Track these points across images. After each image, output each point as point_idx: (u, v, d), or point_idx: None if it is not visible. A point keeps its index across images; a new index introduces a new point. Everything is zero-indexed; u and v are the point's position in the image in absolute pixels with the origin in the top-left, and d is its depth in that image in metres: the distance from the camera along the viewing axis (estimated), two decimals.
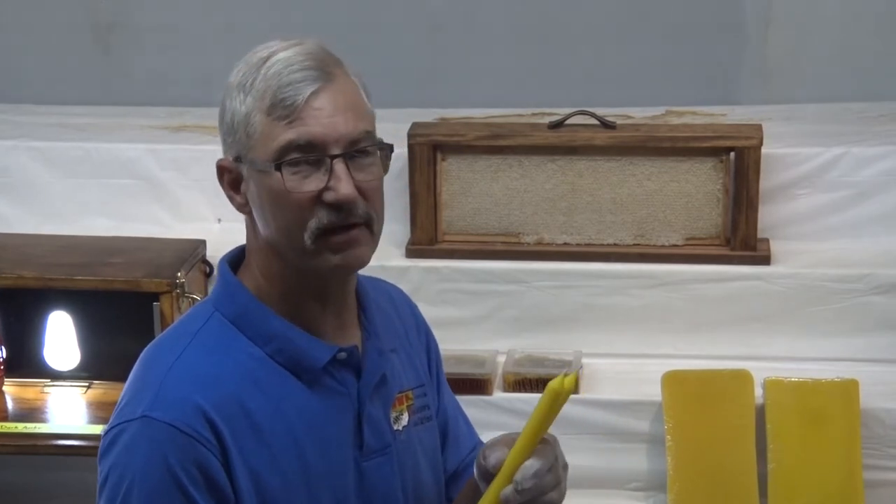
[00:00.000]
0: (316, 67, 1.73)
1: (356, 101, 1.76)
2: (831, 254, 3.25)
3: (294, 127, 1.71)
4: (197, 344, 1.76)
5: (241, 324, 1.78)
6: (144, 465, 1.69)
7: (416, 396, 1.92)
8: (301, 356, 1.77)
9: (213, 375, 1.73)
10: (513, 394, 3.07)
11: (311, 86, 1.72)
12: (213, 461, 1.70)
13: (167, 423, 1.69)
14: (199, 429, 1.69)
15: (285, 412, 1.75)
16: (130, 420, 1.71)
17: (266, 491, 1.73)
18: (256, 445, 1.73)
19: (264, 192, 1.74)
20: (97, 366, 3.12)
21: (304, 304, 1.79)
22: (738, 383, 3.04)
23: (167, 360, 1.75)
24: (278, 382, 1.76)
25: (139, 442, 1.70)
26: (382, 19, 3.94)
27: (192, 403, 1.70)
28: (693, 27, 3.90)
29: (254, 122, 1.73)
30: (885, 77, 3.81)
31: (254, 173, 1.74)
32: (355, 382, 1.81)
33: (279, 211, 1.73)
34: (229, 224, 3.29)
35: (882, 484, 3.01)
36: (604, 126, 3.23)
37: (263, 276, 1.79)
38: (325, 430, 1.78)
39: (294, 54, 1.74)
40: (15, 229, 3.40)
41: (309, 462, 1.76)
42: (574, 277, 3.22)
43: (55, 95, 3.93)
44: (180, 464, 1.68)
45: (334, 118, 1.72)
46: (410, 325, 1.99)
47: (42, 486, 3.32)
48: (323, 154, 1.72)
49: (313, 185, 1.72)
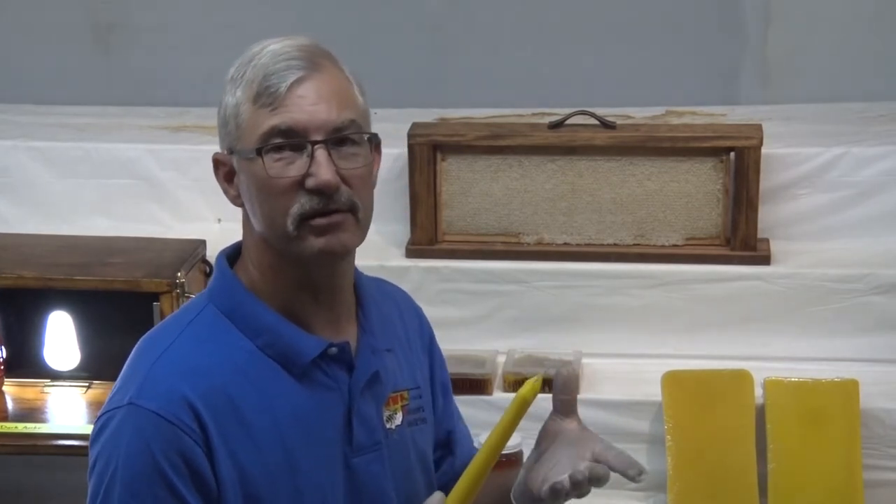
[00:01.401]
0: (302, 58, 1.75)
1: (343, 91, 1.76)
2: (831, 254, 3.25)
3: (277, 113, 1.73)
4: (188, 334, 1.78)
5: (233, 317, 1.79)
6: (128, 451, 1.70)
7: (412, 398, 1.92)
8: (290, 350, 1.78)
9: (203, 366, 1.74)
10: (513, 394, 3.05)
11: (294, 74, 1.73)
12: (197, 451, 1.71)
13: (152, 411, 1.70)
14: (183, 418, 1.70)
15: (273, 406, 1.76)
16: (118, 407, 1.73)
17: (250, 483, 1.74)
18: (242, 437, 1.73)
19: (251, 181, 1.75)
20: (97, 366, 3.11)
21: (295, 298, 1.80)
22: (737, 383, 3.04)
23: (158, 349, 1.77)
24: (268, 376, 1.77)
25: (124, 429, 1.71)
26: (382, 19, 3.94)
27: (179, 393, 1.71)
28: (693, 27, 3.90)
29: (242, 113, 1.75)
30: (884, 77, 3.81)
31: (242, 163, 1.76)
32: (347, 378, 1.81)
33: (263, 198, 1.75)
34: (229, 224, 3.29)
35: (882, 484, 3.01)
36: (604, 126, 3.23)
37: (257, 269, 1.80)
38: (312, 424, 1.78)
39: (283, 47, 1.76)
40: (15, 229, 3.40)
41: (295, 456, 1.76)
42: (574, 277, 3.22)
43: (55, 95, 3.93)
44: (163, 452, 1.69)
45: (317, 105, 1.73)
46: (414, 329, 1.99)
47: (42, 486, 3.32)
48: (304, 139, 1.73)
49: (295, 170, 1.73)
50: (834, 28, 3.86)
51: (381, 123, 1.81)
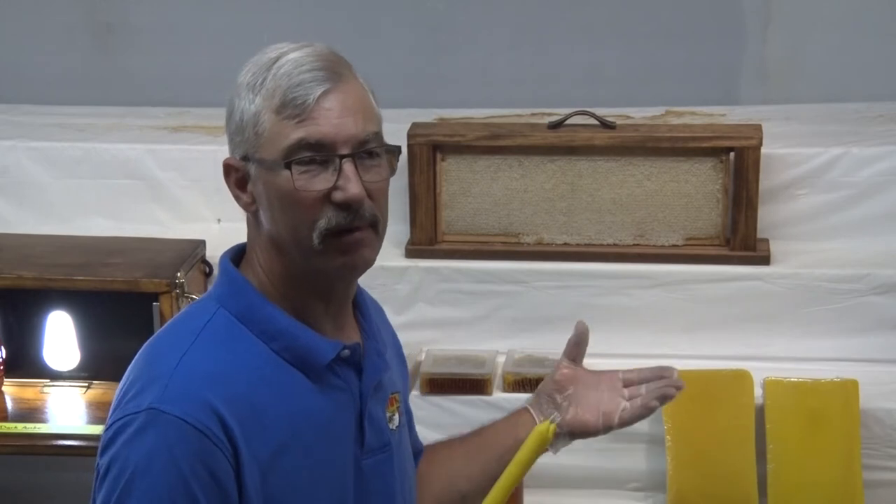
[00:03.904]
0: (325, 68, 1.74)
1: (365, 102, 1.76)
2: (831, 254, 3.25)
3: (304, 126, 1.72)
4: (204, 340, 1.74)
5: (246, 320, 1.77)
6: (149, 458, 1.65)
7: (402, 400, 1.93)
8: (307, 353, 1.77)
9: (223, 373, 1.71)
10: (512, 394, 3.06)
11: (321, 86, 1.72)
12: (223, 461, 1.67)
13: (176, 416, 1.66)
14: (210, 425, 1.66)
15: (292, 409, 1.75)
16: (136, 413, 1.68)
17: (271, 488, 1.72)
18: (264, 442, 1.71)
19: (272, 191, 1.74)
20: (96, 366, 3.12)
21: (306, 303, 1.79)
22: (737, 383, 3.04)
23: (174, 355, 1.72)
24: (286, 380, 1.76)
25: (145, 434, 1.66)
26: (382, 19, 3.94)
27: (203, 399, 1.67)
28: (692, 27, 3.90)
29: (263, 122, 1.73)
30: (883, 77, 3.81)
31: (262, 172, 1.74)
32: (357, 380, 1.81)
33: (288, 210, 1.73)
34: (229, 224, 3.29)
35: (881, 484, 3.01)
36: (603, 126, 3.23)
37: (265, 273, 1.79)
38: (329, 427, 1.78)
39: (304, 55, 1.75)
40: (14, 229, 3.40)
41: (312, 459, 1.76)
42: (573, 278, 3.22)
43: (54, 95, 3.93)
44: (186, 459, 1.65)
45: (344, 119, 1.72)
46: (389, 332, 2.00)
47: (41, 486, 3.32)
48: (332, 153, 1.72)
49: (322, 184, 1.72)
50: (833, 28, 3.86)
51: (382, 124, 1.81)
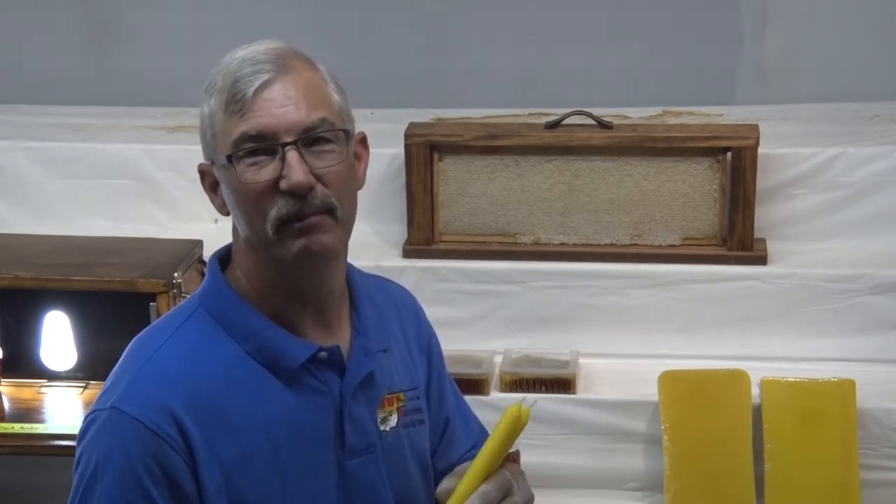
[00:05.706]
0: (269, 61, 1.74)
1: (313, 89, 1.75)
2: (828, 254, 3.25)
3: (246, 119, 1.72)
4: (177, 339, 1.78)
5: (222, 320, 1.79)
6: (107, 455, 1.72)
7: (409, 399, 1.91)
8: (278, 355, 1.78)
9: (188, 373, 1.75)
10: (509, 394, 3.06)
11: (260, 77, 1.72)
12: (176, 460, 1.71)
13: (132, 417, 1.72)
14: (164, 426, 1.71)
15: (262, 411, 1.76)
16: (102, 409, 1.75)
17: (238, 490, 1.74)
18: (229, 444, 1.73)
19: (229, 189, 1.76)
20: (94, 366, 3.11)
21: (284, 303, 1.80)
22: (734, 383, 3.04)
23: (145, 353, 1.78)
24: (256, 381, 1.77)
25: (105, 432, 1.73)
26: (380, 20, 3.94)
27: (159, 401, 1.72)
28: (689, 28, 3.90)
29: (216, 122, 1.75)
30: (881, 77, 3.81)
31: (221, 171, 1.77)
32: (338, 382, 1.81)
33: (241, 204, 1.75)
34: (226, 224, 3.27)
35: (879, 484, 3.01)
36: (601, 126, 3.24)
37: (245, 275, 1.81)
38: (302, 429, 1.78)
39: (251, 52, 1.76)
40: (11, 229, 3.40)
41: (284, 461, 1.76)
42: (571, 277, 3.22)
43: (52, 95, 3.93)
44: (140, 458, 1.70)
45: (285, 107, 1.72)
46: (412, 328, 1.98)
47: (38, 486, 3.32)
48: (274, 143, 1.72)
49: (268, 174, 1.73)
50: (830, 28, 3.86)
51: (377, 123, 1.82)
